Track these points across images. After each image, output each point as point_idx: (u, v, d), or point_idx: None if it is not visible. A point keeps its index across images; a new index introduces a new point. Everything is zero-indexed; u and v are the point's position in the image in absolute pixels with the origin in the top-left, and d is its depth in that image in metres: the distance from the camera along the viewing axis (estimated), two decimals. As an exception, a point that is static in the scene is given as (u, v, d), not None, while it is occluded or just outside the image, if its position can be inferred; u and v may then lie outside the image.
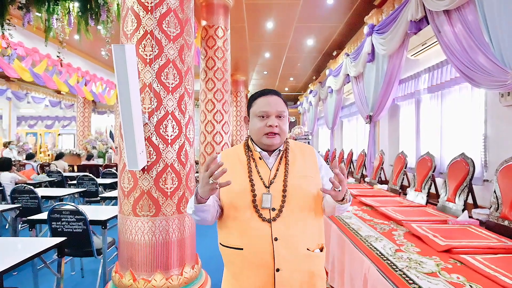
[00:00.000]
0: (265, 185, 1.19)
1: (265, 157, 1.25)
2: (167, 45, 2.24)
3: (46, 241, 2.04)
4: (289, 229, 1.14)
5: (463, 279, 1.69)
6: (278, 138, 1.21)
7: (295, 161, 1.25)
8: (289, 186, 1.18)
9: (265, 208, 1.15)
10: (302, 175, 1.23)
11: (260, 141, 1.23)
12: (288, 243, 1.13)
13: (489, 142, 3.25)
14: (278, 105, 1.23)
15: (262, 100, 1.23)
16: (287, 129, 1.26)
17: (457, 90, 3.90)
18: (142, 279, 2.17)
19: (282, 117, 1.23)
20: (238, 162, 1.25)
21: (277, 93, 1.27)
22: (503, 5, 2.71)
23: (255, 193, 1.16)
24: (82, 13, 4.87)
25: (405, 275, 1.75)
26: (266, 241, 1.12)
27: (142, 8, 2.21)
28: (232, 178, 1.19)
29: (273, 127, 1.19)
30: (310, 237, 1.18)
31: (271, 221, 1.14)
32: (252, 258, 1.13)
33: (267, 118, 1.21)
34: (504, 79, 2.62)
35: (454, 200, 3.09)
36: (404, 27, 4.28)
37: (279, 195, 1.17)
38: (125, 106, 2.00)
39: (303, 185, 1.21)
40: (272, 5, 6.15)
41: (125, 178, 2.26)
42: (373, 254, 2.11)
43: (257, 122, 1.22)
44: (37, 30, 6.63)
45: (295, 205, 1.17)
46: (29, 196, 3.56)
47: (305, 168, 1.26)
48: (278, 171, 1.22)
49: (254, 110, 1.25)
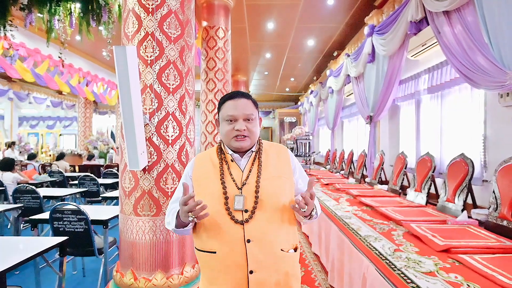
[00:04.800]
0: (237, 187, 1.18)
1: (237, 159, 1.25)
2: (167, 47, 2.26)
3: (48, 240, 2.06)
4: (262, 230, 1.14)
5: (461, 278, 1.70)
6: (247, 141, 1.21)
7: (268, 162, 1.25)
8: (262, 187, 1.18)
9: (238, 210, 1.14)
10: (276, 175, 1.22)
11: (229, 144, 1.24)
12: (261, 244, 1.12)
13: (489, 143, 3.26)
14: (246, 108, 1.21)
15: (230, 104, 1.23)
16: (257, 131, 1.25)
17: (457, 90, 3.91)
18: (143, 278, 2.19)
19: (250, 120, 1.22)
20: (211, 165, 1.25)
21: (246, 95, 1.26)
22: (503, 6, 2.72)
23: (227, 195, 1.16)
24: (83, 14, 4.89)
25: (404, 274, 1.77)
26: (239, 243, 1.11)
27: (143, 9, 2.23)
28: (205, 182, 1.22)
29: (241, 131, 1.19)
30: (284, 238, 1.18)
31: (244, 223, 1.13)
32: (226, 261, 1.12)
33: (235, 121, 1.21)
34: (503, 79, 2.63)
35: (454, 200, 3.10)
36: (404, 27, 4.29)
37: (251, 197, 1.16)
38: (126, 107, 2.03)
39: (276, 186, 1.21)
40: (273, 6, 6.18)
41: (126, 178, 2.28)
42: (372, 253, 2.12)
43: (225, 125, 1.22)
44: (39, 31, 6.66)
45: (268, 206, 1.16)
46: (31, 196, 3.59)
47: (279, 168, 1.25)
48: (251, 172, 1.21)
49: (222, 114, 1.24)
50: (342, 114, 8.67)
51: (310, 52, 9.10)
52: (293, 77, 12.49)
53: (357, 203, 3.90)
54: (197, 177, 1.25)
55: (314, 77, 12.03)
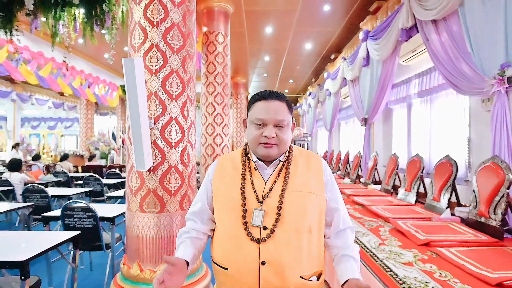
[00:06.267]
0: (258, 200, 1.05)
1: (261, 167, 1.11)
2: (171, 57, 2.45)
3: (62, 234, 2.25)
4: (281, 252, 0.99)
5: (435, 268, 1.90)
6: (275, 149, 1.08)
7: (296, 174, 1.10)
8: (286, 203, 1.03)
9: (255, 226, 1.01)
10: (303, 191, 1.07)
11: (255, 150, 1.11)
12: (278, 269, 0.98)
13: (473, 145, 3.46)
14: (279, 113, 1.07)
15: (261, 105, 1.09)
16: (288, 139, 1.10)
17: (444, 95, 4.11)
18: (149, 270, 2.38)
19: (282, 127, 1.08)
20: (233, 170, 1.13)
21: (280, 97, 1.11)
22: (482, 18, 2.91)
23: (245, 208, 1.03)
24: (87, 19, 5.07)
25: (384, 264, 1.96)
26: (252, 264, 0.99)
27: (149, 23, 2.43)
28: (224, 188, 1.11)
29: (269, 138, 1.06)
30: (305, 263, 1.01)
31: (260, 242, 0.99)
32: (237, 281, 1.01)
33: (264, 126, 1.07)
34: (482, 86, 2.83)
35: (439, 199, 3.29)
36: (396, 34, 4.48)
37: (273, 213, 1.02)
38: (133, 112, 2.22)
39: (302, 202, 1.05)
40: (271, 12, 6.37)
41: (132, 178, 2.47)
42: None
43: (253, 129, 1.09)
44: (42, 35, 6.84)
45: (290, 225, 1.02)
46: (40, 195, 3.78)
47: (308, 183, 1.09)
48: (275, 184, 1.07)
49: (251, 115, 1.11)
50: (339, 116, 8.87)
51: (308, 55, 9.29)
52: (292, 79, 12.68)
53: (350, 202, 4.09)
54: (217, 181, 1.14)
55: (312, 79, 12.22)
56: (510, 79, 2.55)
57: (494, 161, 2.60)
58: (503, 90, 2.61)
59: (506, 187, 2.42)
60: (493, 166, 2.58)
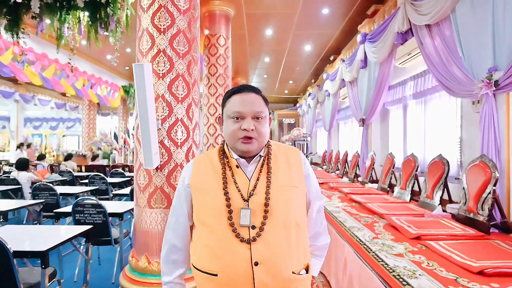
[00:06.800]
0: (243, 199, 1.01)
1: (243, 164, 1.08)
2: (177, 61, 2.60)
3: (75, 228, 2.40)
4: (272, 250, 0.97)
5: (424, 258, 2.05)
6: (255, 143, 1.05)
7: (278, 169, 1.08)
8: (272, 199, 1.01)
9: (244, 225, 0.98)
10: (287, 185, 1.06)
11: (234, 146, 1.06)
12: (271, 267, 0.96)
13: (464, 144, 3.61)
14: (255, 105, 1.06)
15: (237, 98, 1.07)
16: (266, 132, 1.08)
17: (437, 97, 4.26)
18: (156, 262, 2.53)
19: (260, 119, 1.06)
20: (212, 171, 1.08)
21: (255, 90, 1.10)
22: (473, 24, 3.06)
23: (231, 209, 0.99)
24: (92, 22, 5.20)
25: (377, 255, 2.11)
26: (245, 267, 0.95)
27: (156, 29, 2.58)
28: (204, 190, 1.05)
29: (249, 130, 1.03)
30: (295, 258, 1.01)
31: (251, 242, 0.96)
32: (229, 286, 0.96)
33: (242, 120, 1.04)
34: (472, 88, 2.98)
35: (432, 197, 3.44)
36: (392, 37, 4.63)
37: (260, 210, 1.00)
38: (142, 114, 2.37)
39: (287, 197, 1.04)
40: (271, 14, 6.52)
41: (141, 176, 2.62)
42: (353, 240, 2.47)
43: (231, 124, 1.06)
44: (45, 36, 6.97)
45: (279, 221, 1.00)
46: (49, 193, 3.94)
47: (290, 176, 1.08)
48: (259, 181, 1.04)
49: (227, 110, 1.08)
50: (338, 116, 9.01)
51: (307, 56, 9.45)
52: (291, 80, 12.84)
53: (348, 200, 4.24)
54: (196, 185, 1.08)
55: (312, 80, 12.38)
56: (497, 82, 2.69)
57: (482, 160, 2.75)
58: (490, 93, 2.76)
59: (493, 184, 2.57)
60: (482, 165, 2.73)
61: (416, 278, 1.74)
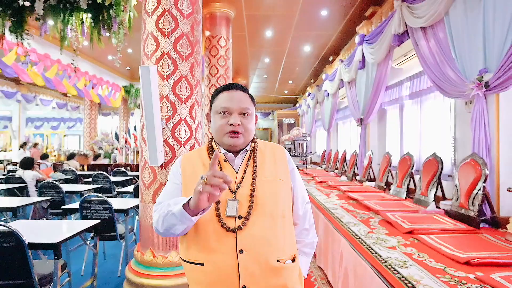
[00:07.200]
0: (231, 191, 1.06)
1: (230, 158, 1.13)
2: (180, 64, 2.72)
3: (83, 223, 2.52)
4: (257, 239, 1.02)
5: (415, 250, 2.16)
6: (241, 138, 1.11)
7: (264, 163, 1.14)
8: (258, 190, 1.07)
9: (230, 216, 1.03)
10: (272, 178, 1.12)
11: (221, 140, 1.12)
12: (256, 255, 1.00)
13: (458, 143, 3.72)
14: (242, 101, 1.12)
15: (225, 95, 1.13)
16: (252, 128, 1.14)
17: (432, 97, 4.38)
18: (160, 256, 2.65)
19: (246, 115, 1.12)
20: (201, 165, 1.14)
21: (242, 88, 1.16)
22: (465, 26, 3.18)
23: (218, 200, 1.03)
24: (95, 24, 5.30)
25: (371, 248, 2.23)
26: (230, 255, 1.00)
27: (160, 33, 2.69)
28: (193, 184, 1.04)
29: (235, 125, 1.09)
30: (281, 247, 1.05)
31: (236, 231, 1.01)
32: (214, 275, 1.00)
33: (229, 115, 1.10)
34: (464, 89, 3.09)
35: (427, 194, 3.56)
36: (389, 39, 4.75)
37: (246, 201, 1.05)
38: (148, 114, 2.48)
39: (272, 188, 1.10)
40: (271, 16, 6.64)
41: (146, 173, 2.73)
42: (349, 234, 2.58)
43: (218, 119, 1.12)
44: (48, 37, 7.08)
45: (263, 212, 1.05)
46: (55, 191, 4.05)
47: (276, 170, 1.14)
48: (246, 173, 1.10)
49: (215, 106, 1.14)
50: (337, 116, 9.13)
51: (307, 57, 9.56)
52: (291, 80, 12.95)
53: (345, 197, 4.35)
54: (186, 179, 1.12)
55: (311, 80, 12.49)
56: (487, 83, 2.81)
57: (473, 158, 2.86)
58: (481, 93, 2.87)
59: (483, 181, 2.69)
60: (472, 162, 2.85)
61: (407, 267, 1.86)
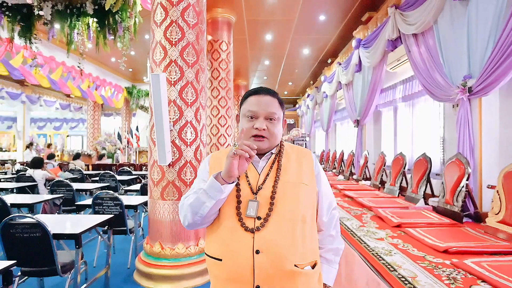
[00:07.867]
0: (252, 191, 1.08)
1: (255, 160, 1.13)
2: (186, 70, 2.94)
3: (97, 218, 2.74)
4: (274, 241, 1.01)
5: (401, 241, 2.39)
6: (266, 142, 1.11)
7: (288, 166, 1.14)
8: (279, 193, 1.07)
9: (249, 216, 1.04)
10: (295, 181, 1.11)
11: None
12: (272, 257, 1.00)
13: (446, 144, 3.95)
14: (270, 106, 1.12)
15: (253, 99, 1.14)
16: (278, 133, 1.14)
17: (423, 100, 4.60)
18: (168, 248, 2.87)
19: (272, 120, 1.12)
20: None
21: (272, 93, 1.15)
22: (452, 35, 3.40)
23: (240, 200, 1.06)
24: (100, 28, 5.52)
25: (361, 239, 2.45)
26: (246, 254, 1.01)
27: (168, 42, 2.91)
28: None
29: (260, 130, 1.09)
30: (299, 252, 1.03)
31: (254, 231, 1.02)
32: (231, 272, 1.02)
33: (256, 119, 1.11)
34: (450, 93, 3.31)
35: (417, 191, 3.78)
36: (383, 44, 4.97)
37: (266, 203, 1.06)
38: (157, 117, 2.70)
39: (294, 193, 1.08)
40: (271, 21, 6.86)
41: (154, 172, 2.95)
42: (342, 228, 2.80)
43: (245, 122, 1.13)
44: (54, 40, 7.29)
45: (284, 214, 1.04)
46: (66, 189, 4.27)
47: (300, 174, 1.13)
48: (268, 176, 1.11)
49: (243, 109, 1.16)
50: (335, 117, 9.35)
51: (306, 59, 9.78)
52: (291, 82, 13.17)
53: (342, 195, 4.58)
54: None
55: (311, 81, 12.71)
56: (470, 88, 3.03)
57: (458, 158, 3.08)
58: (465, 98, 3.09)
59: (466, 179, 2.91)
60: (457, 162, 3.07)
61: (391, 255, 2.08)
